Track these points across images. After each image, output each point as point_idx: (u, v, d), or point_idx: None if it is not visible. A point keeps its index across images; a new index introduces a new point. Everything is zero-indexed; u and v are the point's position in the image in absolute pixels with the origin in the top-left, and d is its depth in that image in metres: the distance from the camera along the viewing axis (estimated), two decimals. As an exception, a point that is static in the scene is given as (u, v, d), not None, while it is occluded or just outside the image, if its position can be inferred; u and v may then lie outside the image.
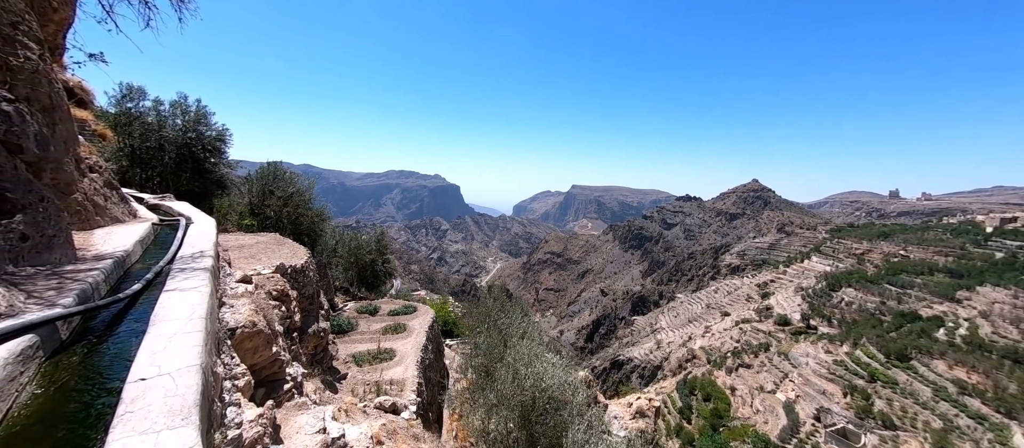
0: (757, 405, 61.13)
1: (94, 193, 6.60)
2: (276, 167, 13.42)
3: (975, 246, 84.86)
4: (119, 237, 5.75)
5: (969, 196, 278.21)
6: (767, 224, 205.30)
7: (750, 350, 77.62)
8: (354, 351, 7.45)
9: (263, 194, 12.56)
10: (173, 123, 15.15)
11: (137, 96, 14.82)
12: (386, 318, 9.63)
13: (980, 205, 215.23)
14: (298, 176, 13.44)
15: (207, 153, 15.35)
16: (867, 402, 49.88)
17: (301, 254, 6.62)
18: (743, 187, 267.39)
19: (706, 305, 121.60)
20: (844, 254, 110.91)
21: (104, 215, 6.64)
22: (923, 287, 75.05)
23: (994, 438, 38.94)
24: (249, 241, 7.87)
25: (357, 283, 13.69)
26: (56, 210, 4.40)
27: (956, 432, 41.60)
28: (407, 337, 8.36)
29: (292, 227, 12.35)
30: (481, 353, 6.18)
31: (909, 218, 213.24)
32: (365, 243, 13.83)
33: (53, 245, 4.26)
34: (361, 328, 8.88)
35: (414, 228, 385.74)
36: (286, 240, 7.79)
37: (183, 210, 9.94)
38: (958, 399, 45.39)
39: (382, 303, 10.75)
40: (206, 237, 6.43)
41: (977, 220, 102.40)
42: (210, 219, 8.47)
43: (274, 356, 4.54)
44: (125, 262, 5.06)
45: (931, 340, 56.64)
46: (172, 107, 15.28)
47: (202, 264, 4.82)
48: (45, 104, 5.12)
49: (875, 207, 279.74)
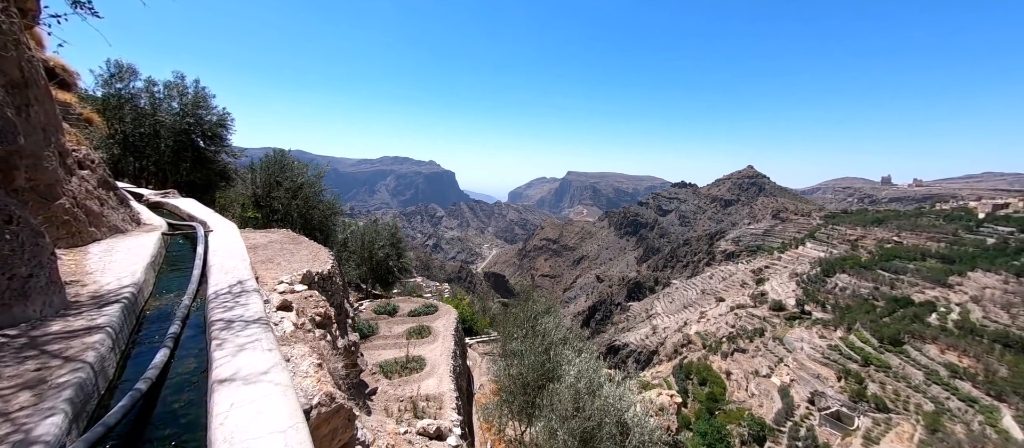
0: (752, 389, 62.24)
1: (86, 196, 5.38)
2: (282, 156, 12.47)
3: (967, 232, 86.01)
4: (122, 257, 4.64)
5: (959, 182, 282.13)
6: (762, 210, 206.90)
7: (745, 335, 78.72)
8: (380, 359, 6.92)
9: (268, 185, 11.65)
10: (169, 106, 13.79)
11: (127, 76, 13.38)
12: (407, 319, 9.10)
13: (970, 191, 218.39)
14: (306, 166, 12.49)
15: (208, 140, 14.19)
16: (860, 386, 50.87)
17: (324, 257, 6.00)
18: (738, 173, 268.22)
19: (701, 291, 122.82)
20: (838, 240, 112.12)
21: (100, 224, 5.44)
22: (916, 273, 76.16)
23: (984, 420, 39.94)
24: (261, 240, 7.18)
25: (371, 280, 12.95)
26: (32, 234, 3.10)
27: (947, 414, 42.61)
28: (433, 342, 7.84)
29: (302, 222, 11.50)
30: (522, 363, 5.72)
31: (901, 204, 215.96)
32: (378, 237, 13.05)
33: (29, 290, 2.99)
34: (382, 331, 8.33)
35: (409, 215, 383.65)
36: (301, 238, 7.13)
37: (194, 211, 8.88)
38: (950, 382, 46.40)
39: (400, 302, 10.18)
40: (235, 254, 5.28)
41: (969, 206, 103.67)
42: (230, 224, 7.52)
43: (353, 438, 3.24)
44: (136, 302, 3.80)
45: (924, 325, 57.64)
46: (167, 89, 13.90)
47: (250, 309, 3.47)
48: (14, 78, 3.79)
49: (867, 193, 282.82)
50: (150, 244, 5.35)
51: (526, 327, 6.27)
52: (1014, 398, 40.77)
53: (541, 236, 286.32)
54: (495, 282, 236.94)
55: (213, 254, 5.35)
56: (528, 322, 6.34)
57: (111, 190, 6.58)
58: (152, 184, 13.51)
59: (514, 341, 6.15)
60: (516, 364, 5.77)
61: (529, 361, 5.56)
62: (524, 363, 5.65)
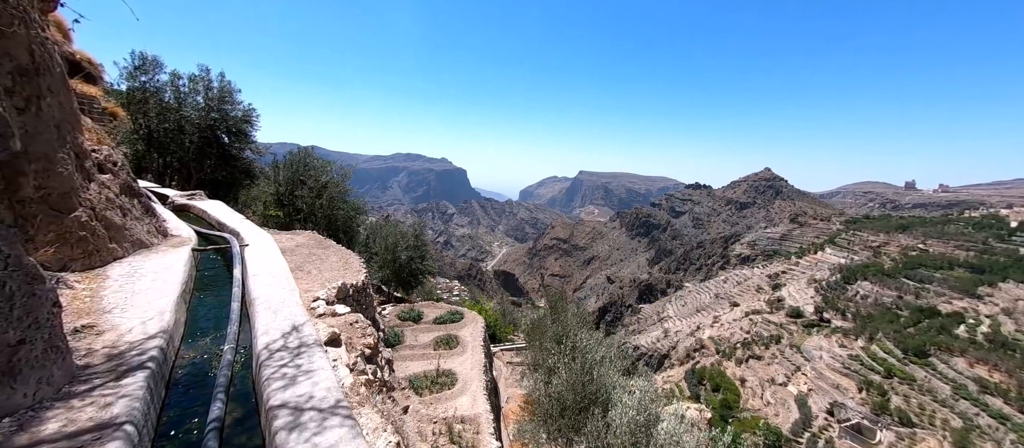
0: (768, 397, 60.77)
1: (106, 206, 4.67)
2: (307, 154, 12.19)
3: (998, 241, 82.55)
4: (148, 285, 4.00)
5: (988, 188, 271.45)
6: (779, 214, 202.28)
7: (761, 342, 76.97)
8: (409, 372, 6.62)
9: (292, 184, 11.42)
10: (194, 101, 13.54)
11: (152, 68, 13.08)
12: (433, 327, 8.80)
13: (999, 198, 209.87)
14: (331, 164, 12.24)
15: (232, 137, 14.03)
16: (883, 398, 49.18)
17: (355, 265, 5.70)
18: (755, 176, 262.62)
19: (715, 295, 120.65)
20: (859, 246, 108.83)
21: (122, 239, 4.74)
22: (942, 282, 73.35)
23: (1017, 438, 38.15)
24: (288, 243, 6.93)
25: (393, 283, 12.70)
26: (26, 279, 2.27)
27: (977, 431, 40.85)
28: (462, 353, 7.51)
29: (326, 222, 11.27)
30: (560, 381, 5.34)
31: (925, 210, 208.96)
32: (402, 238, 12.78)
33: (18, 365, 2.14)
34: (408, 340, 8.03)
35: (421, 212, 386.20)
36: (328, 242, 6.87)
37: (223, 217, 8.39)
38: (979, 397, 44.49)
39: (424, 307, 9.87)
40: (280, 281, 4.58)
41: (1000, 214, 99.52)
42: (265, 236, 6.96)
43: None
44: (166, 358, 3.07)
45: (951, 336, 55.43)
46: (192, 82, 13.63)
47: (319, 385, 2.70)
48: (22, 63, 3.18)
49: (890, 198, 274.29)
50: (180, 266, 4.69)
51: (564, 343, 5.88)
52: (1050, 417, 38.87)
53: (552, 235, 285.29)
54: (505, 280, 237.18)
55: (253, 280, 4.71)
56: (566, 338, 5.95)
57: (136, 197, 5.88)
58: (176, 181, 13.34)
59: (551, 357, 5.78)
60: (554, 382, 5.40)
61: (569, 379, 5.19)
62: (562, 380, 5.28)
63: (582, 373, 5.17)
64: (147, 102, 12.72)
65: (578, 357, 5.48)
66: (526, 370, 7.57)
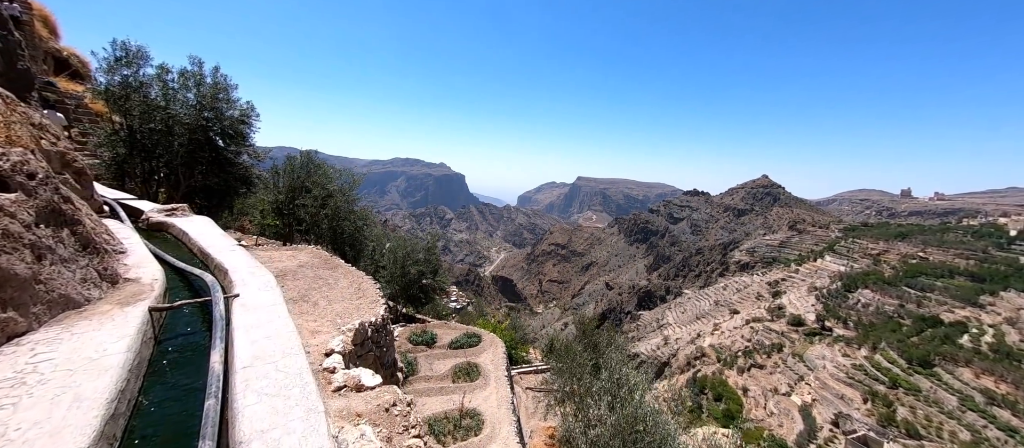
0: (771, 407, 59.98)
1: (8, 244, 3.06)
2: (310, 158, 11.06)
3: (998, 249, 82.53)
4: (43, 410, 2.35)
5: (982, 196, 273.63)
6: (777, 221, 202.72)
7: (762, 350, 76.33)
8: (428, 412, 5.79)
9: (293, 191, 10.43)
10: (184, 98, 11.98)
11: (136, 60, 11.40)
12: (448, 353, 7.99)
13: (994, 206, 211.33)
14: (336, 171, 11.20)
15: (228, 139, 12.51)
16: (889, 409, 48.49)
17: (369, 291, 4.82)
18: (752, 183, 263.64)
19: (714, 302, 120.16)
20: (859, 254, 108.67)
21: (33, 300, 3.11)
22: (944, 291, 73.08)
23: (1027, 453, 37.54)
24: (288, 263, 6.03)
25: (403, 299, 11.75)
26: None
27: (985, 444, 40.19)
28: (485, 387, 6.72)
29: (331, 234, 10.30)
30: (603, 427, 4.62)
31: (921, 218, 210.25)
32: (413, 252, 11.84)
33: None
34: (423, 370, 7.21)
35: (419, 216, 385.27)
36: (336, 261, 6.01)
37: (209, 243, 6.78)
38: (986, 409, 43.89)
39: (437, 329, 9.05)
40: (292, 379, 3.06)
41: (999, 222, 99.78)
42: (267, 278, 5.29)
43: None
44: None
45: (955, 346, 54.96)
46: (182, 77, 12.03)
47: None
48: None
49: (886, 206, 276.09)
50: (117, 351, 3.00)
51: (605, 378, 5.15)
52: (1060, 430, 38.28)
53: (550, 241, 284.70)
54: (503, 286, 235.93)
55: (241, 374, 3.08)
56: (612, 385, 5.20)
57: (69, 227, 4.05)
58: (163, 189, 12.17)
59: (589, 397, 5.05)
60: (596, 428, 4.69)
61: (616, 426, 4.47)
62: (607, 427, 4.57)
63: (633, 422, 4.45)
64: (129, 99, 11.15)
65: (623, 399, 4.76)
66: (551, 401, 6.84)
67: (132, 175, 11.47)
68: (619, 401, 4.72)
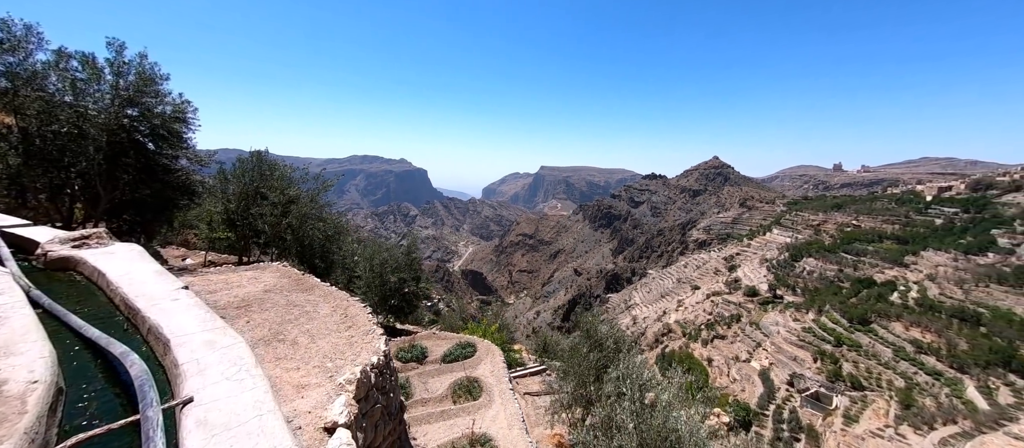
0: (734, 374, 63.90)
1: None
2: (262, 160, 9.44)
3: (917, 214, 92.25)
4: None
5: (901, 167, 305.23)
6: (729, 199, 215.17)
7: (723, 322, 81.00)
8: (431, 443, 5.07)
9: (246, 198, 8.99)
10: (97, 92, 9.78)
11: (24, 44, 8.93)
12: (442, 368, 7.23)
13: (910, 175, 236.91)
14: (294, 170, 9.73)
15: (160, 141, 10.47)
16: (836, 365, 53.06)
17: (361, 319, 3.85)
18: (705, 164, 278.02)
19: (677, 280, 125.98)
20: (802, 225, 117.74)
21: None
22: (875, 254, 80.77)
23: (950, 392, 42.42)
24: (250, 288, 4.71)
25: (383, 310, 10.56)
26: None
27: (916, 388, 45.02)
28: (490, 404, 6.06)
29: (297, 247, 9.02)
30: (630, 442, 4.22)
31: (851, 189, 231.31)
32: (391, 258, 10.66)
33: None
34: (418, 391, 6.39)
35: (382, 215, 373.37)
36: (308, 279, 4.98)
37: (138, 288, 4.75)
38: (916, 358, 49.13)
39: (426, 341, 8.21)
40: None
41: (917, 190, 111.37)
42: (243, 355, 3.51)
43: None
44: None
45: (887, 304, 60.95)
46: (89, 66, 9.65)
47: None
48: None
49: (821, 180, 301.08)
50: None
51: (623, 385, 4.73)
52: (974, 370, 43.51)
53: (517, 232, 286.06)
54: (473, 280, 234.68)
55: None
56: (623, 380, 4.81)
57: None
58: (79, 205, 10.09)
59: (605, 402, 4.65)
60: (616, 439, 4.29)
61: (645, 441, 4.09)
62: (631, 439, 4.19)
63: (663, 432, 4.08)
64: (18, 95, 8.89)
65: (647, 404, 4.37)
66: (557, 408, 6.41)
67: (34, 190, 9.35)
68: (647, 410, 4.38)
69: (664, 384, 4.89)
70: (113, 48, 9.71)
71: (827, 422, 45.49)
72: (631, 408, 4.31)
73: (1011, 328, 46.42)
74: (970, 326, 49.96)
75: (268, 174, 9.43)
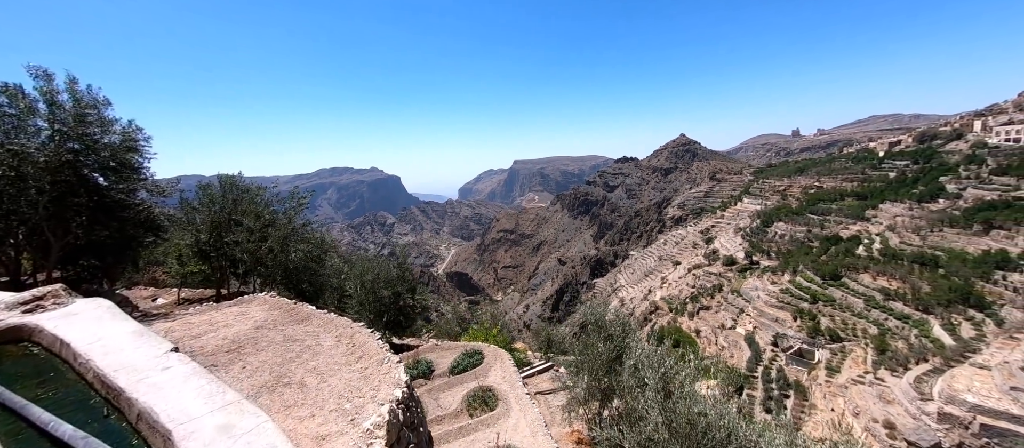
0: (722, 342, 66.13)
1: None
2: (232, 182, 8.75)
3: (872, 170, 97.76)
4: None
5: (853, 127, 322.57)
6: (699, 174, 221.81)
7: (706, 293, 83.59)
8: None
9: (218, 226, 8.36)
10: (32, 127, 8.85)
11: None
12: (453, 381, 6.88)
13: (862, 134, 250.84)
14: (265, 190, 9.02)
15: (112, 173, 9.59)
16: (814, 322, 55.68)
17: (371, 347, 3.45)
18: (673, 142, 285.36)
19: (658, 258, 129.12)
20: (769, 192, 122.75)
21: None
22: (838, 212, 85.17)
23: (918, 333, 45.31)
24: (239, 326, 4.18)
25: (379, 327, 9.95)
26: None
27: (888, 334, 47.84)
28: (508, 413, 5.75)
29: (282, 273, 8.38)
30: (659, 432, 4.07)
31: (811, 152, 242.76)
32: (383, 274, 10.13)
33: None
34: (431, 409, 6.03)
35: (358, 227, 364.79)
36: (304, 309, 4.50)
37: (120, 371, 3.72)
38: (885, 305, 52.16)
39: (429, 353, 7.82)
40: None
41: (870, 147, 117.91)
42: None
43: None
44: None
45: (855, 257, 64.38)
46: (16, 98, 8.65)
47: None
48: None
49: (782, 147, 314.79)
50: None
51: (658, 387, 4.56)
52: (938, 309, 46.62)
53: (498, 228, 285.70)
54: (459, 282, 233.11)
55: None
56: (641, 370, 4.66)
57: None
58: (26, 254, 9.00)
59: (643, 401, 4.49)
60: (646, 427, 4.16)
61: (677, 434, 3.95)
62: (658, 430, 4.07)
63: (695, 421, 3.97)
64: None
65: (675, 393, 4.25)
66: (573, 404, 6.27)
67: None
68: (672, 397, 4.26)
69: (681, 367, 4.82)
70: (38, 76, 8.61)
71: (812, 376, 47.76)
72: (655, 397, 4.21)
73: (966, 267, 49.91)
74: (930, 269, 53.40)
75: (239, 198, 8.87)
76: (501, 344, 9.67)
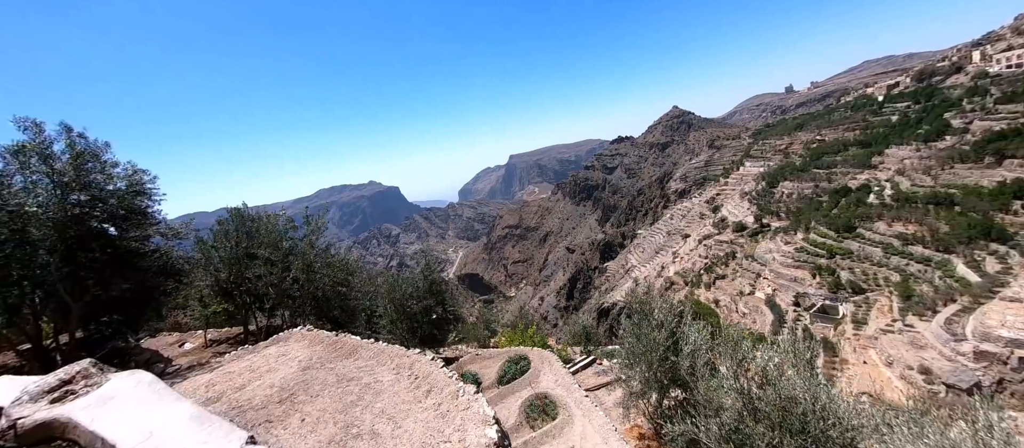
0: (742, 309, 65.59)
1: None
2: (243, 217, 8.64)
3: (874, 116, 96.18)
4: None
5: (846, 76, 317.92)
6: (696, 144, 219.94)
7: (720, 262, 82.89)
8: None
9: (236, 263, 8.16)
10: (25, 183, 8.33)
11: None
12: (503, 391, 6.58)
13: (856, 81, 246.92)
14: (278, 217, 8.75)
15: (123, 222, 9.31)
16: (834, 276, 54.98)
17: (440, 380, 3.13)
18: (666, 116, 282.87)
19: (667, 233, 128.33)
20: (771, 152, 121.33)
21: None
22: (844, 163, 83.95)
23: (942, 274, 44.55)
24: (284, 370, 3.78)
25: (413, 343, 9.70)
26: None
27: (912, 279, 47.09)
28: (572, 420, 5.40)
29: (313, 303, 8.15)
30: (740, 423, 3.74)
31: (807, 107, 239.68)
32: (412, 291, 9.82)
33: None
34: None
35: (364, 241, 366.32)
36: (345, 340, 4.23)
37: None
38: (905, 250, 51.34)
39: (472, 365, 7.53)
40: None
41: (868, 93, 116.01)
42: None
43: None
44: None
45: (867, 206, 63.46)
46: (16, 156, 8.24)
47: None
48: None
49: (777, 104, 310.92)
50: None
51: (736, 372, 4.20)
52: (959, 248, 45.79)
53: (502, 225, 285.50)
54: (470, 283, 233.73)
55: None
56: (736, 360, 4.33)
57: None
58: (46, 320, 8.65)
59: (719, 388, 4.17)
60: (721, 418, 3.84)
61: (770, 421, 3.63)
62: (737, 415, 3.77)
63: (780, 403, 3.61)
64: None
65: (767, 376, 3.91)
66: (632, 399, 5.96)
67: None
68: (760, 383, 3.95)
69: (766, 347, 4.48)
70: (27, 128, 8.06)
71: (839, 331, 47.18)
72: (732, 384, 3.90)
73: (982, 201, 48.93)
74: (946, 208, 52.44)
75: (253, 230, 8.63)
76: (539, 344, 9.40)
